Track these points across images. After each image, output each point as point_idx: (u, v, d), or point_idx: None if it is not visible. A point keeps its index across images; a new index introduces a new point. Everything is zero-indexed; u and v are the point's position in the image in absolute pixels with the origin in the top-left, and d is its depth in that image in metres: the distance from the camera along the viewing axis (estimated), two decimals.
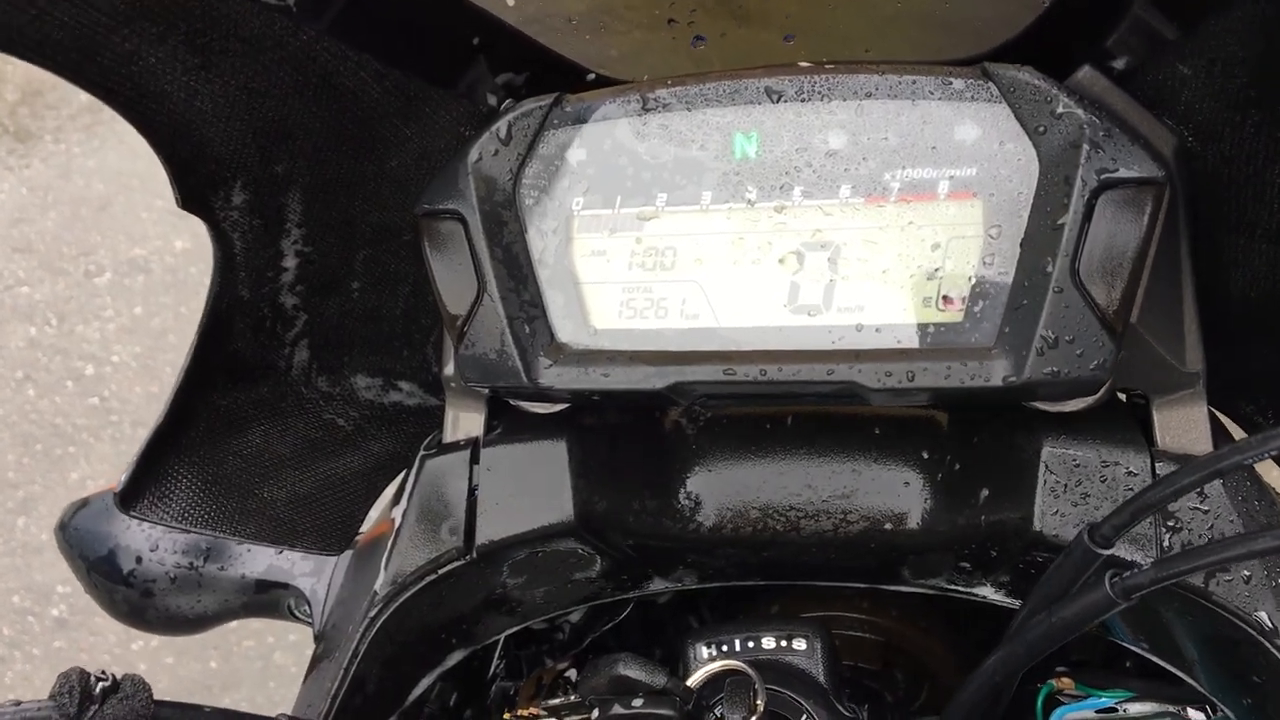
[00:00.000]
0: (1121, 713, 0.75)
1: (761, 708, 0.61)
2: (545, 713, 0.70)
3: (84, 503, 0.82)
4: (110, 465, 2.68)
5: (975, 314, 0.57)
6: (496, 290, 0.60)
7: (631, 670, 0.60)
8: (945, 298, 0.57)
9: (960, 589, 0.73)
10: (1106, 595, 0.50)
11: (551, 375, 0.60)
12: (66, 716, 0.51)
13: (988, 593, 0.72)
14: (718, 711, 0.63)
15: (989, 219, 0.57)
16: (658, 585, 0.78)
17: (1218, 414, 0.67)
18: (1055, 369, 0.55)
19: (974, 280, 0.57)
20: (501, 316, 0.60)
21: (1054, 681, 0.77)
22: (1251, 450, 0.46)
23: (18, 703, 0.53)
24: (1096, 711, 0.76)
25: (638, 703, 0.61)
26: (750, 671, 0.62)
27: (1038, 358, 0.55)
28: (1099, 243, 0.54)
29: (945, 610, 0.88)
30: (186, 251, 3.29)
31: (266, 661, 2.21)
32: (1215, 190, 0.61)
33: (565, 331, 0.62)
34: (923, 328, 0.58)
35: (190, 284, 3.20)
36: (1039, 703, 0.76)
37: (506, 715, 0.74)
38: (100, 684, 0.54)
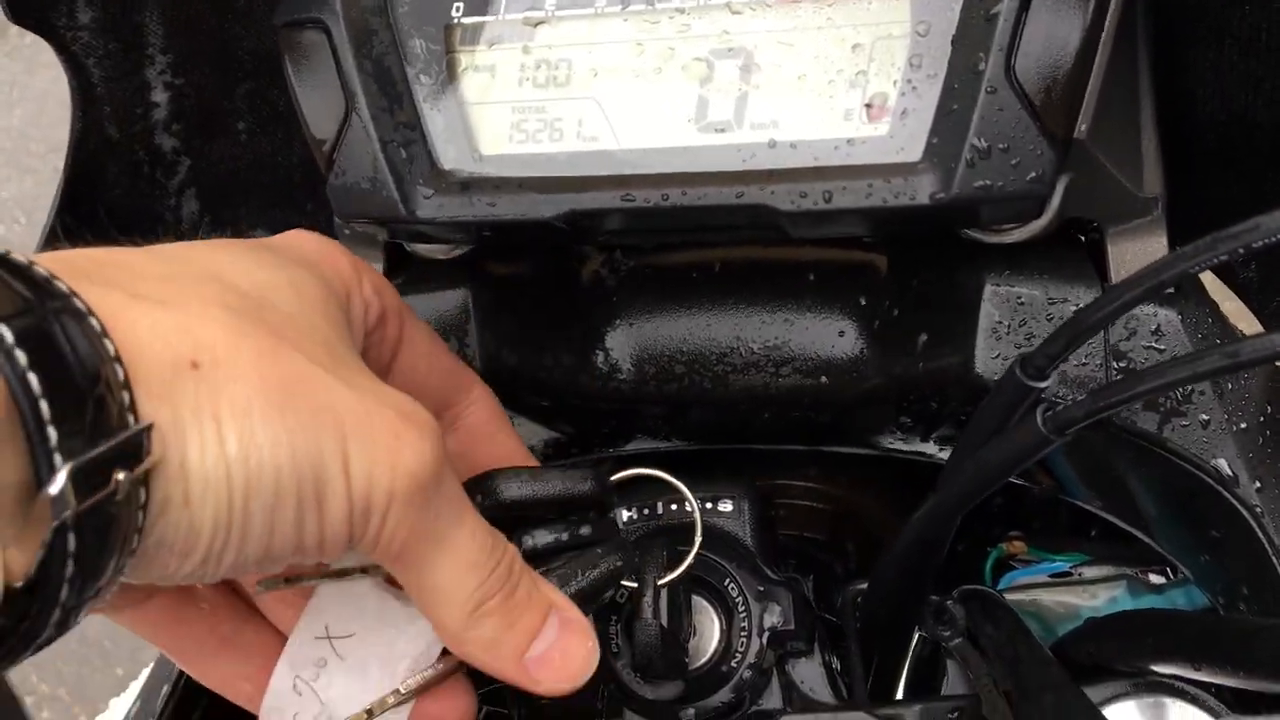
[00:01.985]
0: (1076, 576, 0.70)
1: (687, 564, 0.56)
2: None
3: None
4: None
5: (901, 125, 0.50)
6: (367, 109, 0.53)
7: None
8: (868, 106, 0.51)
9: (903, 448, 0.68)
10: (1038, 431, 0.45)
11: (432, 206, 0.54)
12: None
13: (933, 450, 0.67)
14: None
15: (917, 14, 0.50)
16: (581, 456, 0.73)
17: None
18: (989, 182, 0.48)
19: (900, 85, 0.50)
20: (373, 139, 0.53)
21: (1005, 545, 0.73)
22: (1200, 256, 0.40)
23: None
24: (1050, 575, 0.71)
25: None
26: (659, 543, 0.57)
27: (968, 170, 0.48)
28: (1038, 34, 0.47)
29: (897, 476, 0.83)
30: None
31: None
32: None
33: (448, 158, 0.55)
34: (843, 142, 0.51)
35: None
36: (988, 567, 0.72)
37: None
38: None
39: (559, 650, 0.45)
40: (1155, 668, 0.55)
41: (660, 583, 0.55)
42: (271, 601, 0.49)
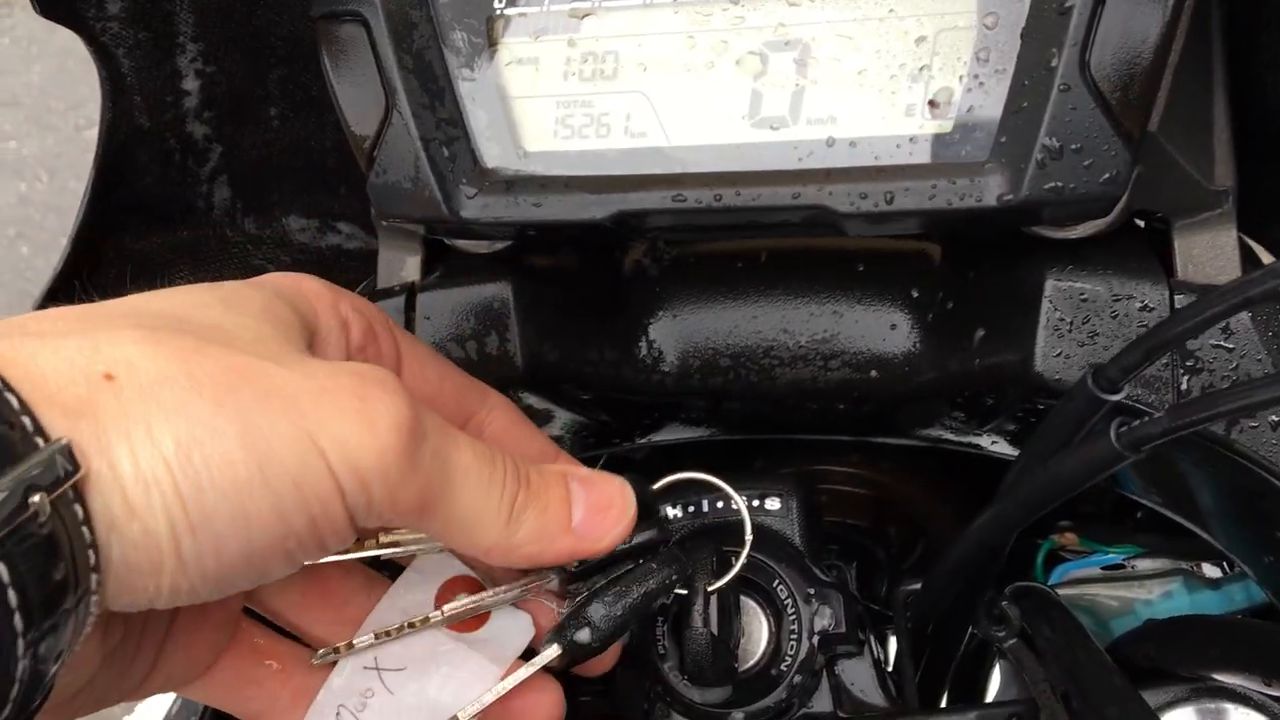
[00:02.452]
0: (1129, 569, 0.69)
1: (736, 570, 0.55)
2: None
3: None
4: None
5: (966, 122, 0.48)
6: (407, 105, 0.51)
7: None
8: (932, 103, 0.48)
9: (954, 440, 0.66)
10: (1111, 447, 0.43)
11: (475, 206, 0.52)
12: None
13: (985, 444, 0.65)
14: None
15: (984, 5, 0.47)
16: (623, 445, 0.72)
17: (1249, 241, 0.58)
18: (1060, 183, 0.46)
19: (965, 81, 0.48)
20: (414, 137, 0.52)
21: (1056, 537, 0.71)
22: None
23: None
24: (1102, 569, 0.70)
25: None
26: (710, 545, 0.56)
27: (1039, 170, 0.46)
28: (1114, 28, 0.44)
29: (943, 463, 0.81)
30: None
31: None
32: None
33: (491, 155, 0.53)
34: (905, 140, 0.49)
35: None
36: (1039, 559, 0.71)
37: None
38: None
39: (597, 502, 0.46)
40: (1218, 676, 0.53)
41: (710, 590, 0.54)
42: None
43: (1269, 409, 0.51)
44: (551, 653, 0.47)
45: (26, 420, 0.32)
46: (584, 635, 0.48)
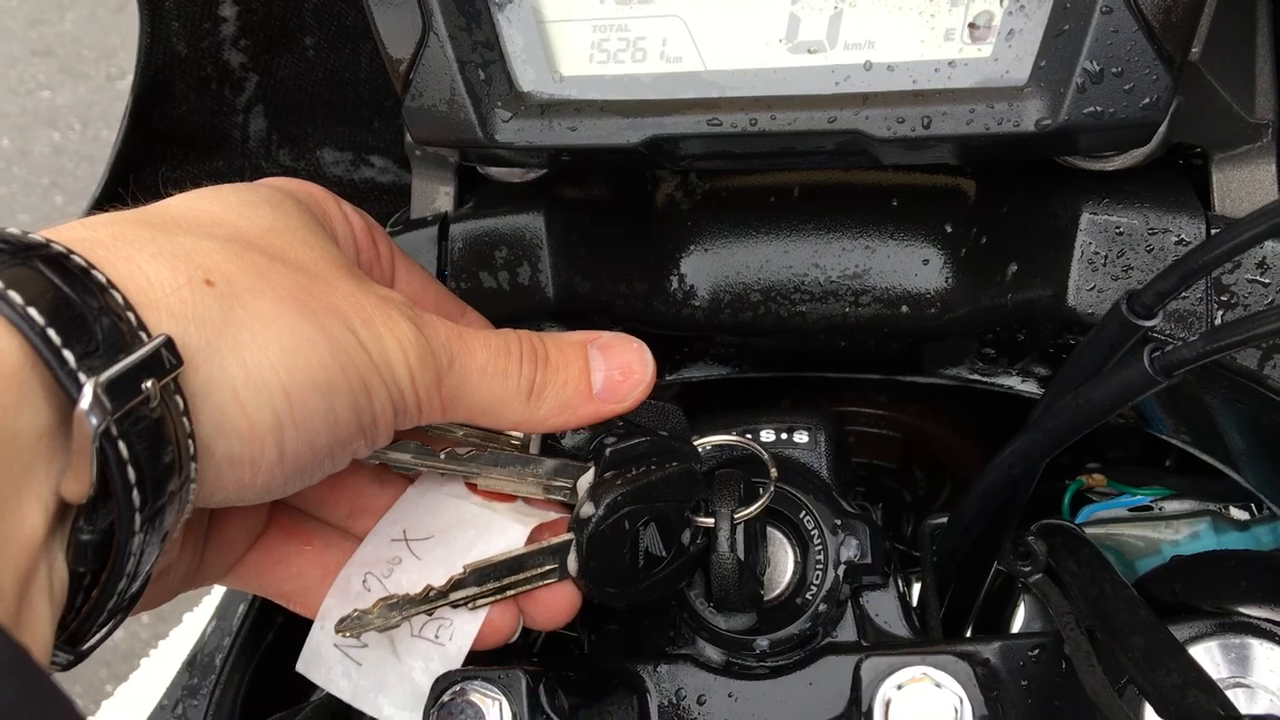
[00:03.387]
0: (1157, 510, 0.69)
1: (764, 502, 0.55)
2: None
3: None
4: None
5: (1006, 46, 0.48)
6: (444, 28, 0.51)
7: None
8: (972, 25, 0.48)
9: (983, 378, 0.66)
10: (1144, 372, 0.43)
11: (510, 130, 0.52)
12: None
13: (1014, 382, 0.65)
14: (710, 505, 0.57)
15: None
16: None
17: None
18: (1099, 108, 0.46)
19: (1006, 4, 0.47)
20: (451, 59, 0.52)
21: (1084, 478, 0.71)
22: None
23: None
24: (1130, 509, 0.70)
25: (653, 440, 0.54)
26: (736, 473, 0.56)
27: (1078, 95, 0.46)
28: None
29: (971, 405, 0.81)
30: None
31: None
32: None
33: (527, 79, 0.53)
34: (944, 64, 0.49)
35: None
36: (1066, 500, 0.71)
37: None
38: None
39: (617, 366, 0.49)
40: (1244, 610, 0.53)
41: (737, 518, 0.55)
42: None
43: None
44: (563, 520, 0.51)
45: (131, 316, 0.36)
46: (588, 509, 0.49)
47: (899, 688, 0.48)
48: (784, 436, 0.63)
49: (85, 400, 0.33)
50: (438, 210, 0.65)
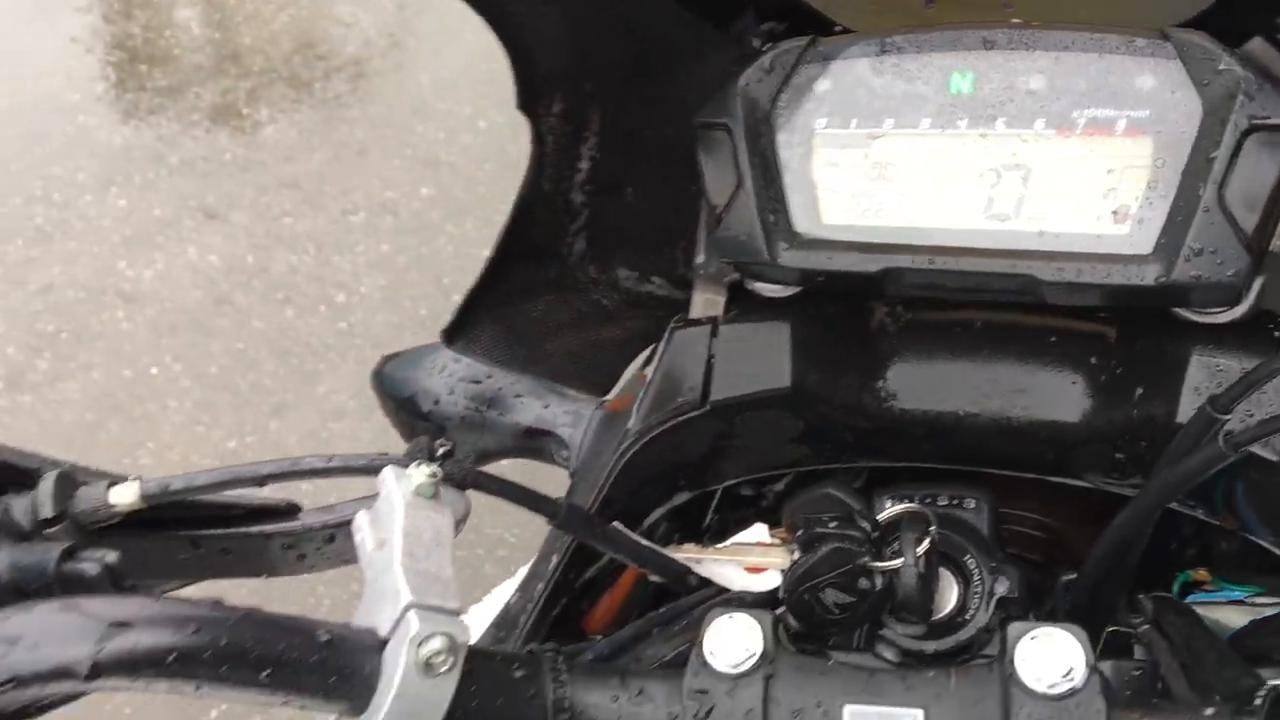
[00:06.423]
0: (1250, 605, 0.86)
1: (931, 540, 0.76)
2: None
3: (393, 355, 1.04)
4: (353, 382, 2.93)
5: (1138, 227, 0.71)
6: (751, 186, 0.77)
7: (835, 490, 0.75)
8: (1115, 213, 0.71)
9: (1116, 482, 0.86)
10: (1217, 449, 0.63)
11: (788, 256, 0.77)
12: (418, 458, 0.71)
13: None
14: (896, 546, 0.78)
15: (1157, 153, 0.70)
16: (854, 460, 0.94)
17: None
18: (1199, 273, 0.68)
19: (1140, 200, 0.71)
20: (753, 206, 0.77)
21: (1191, 573, 0.89)
22: None
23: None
24: (1228, 602, 0.87)
25: (834, 523, 0.76)
26: (926, 513, 0.77)
27: (1184, 263, 0.68)
28: (1244, 174, 0.67)
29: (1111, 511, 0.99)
30: (431, 198, 3.54)
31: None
32: None
33: (801, 223, 0.79)
34: (1094, 237, 0.72)
35: (431, 228, 3.43)
36: (1175, 588, 0.88)
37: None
38: (442, 448, 0.74)
39: None
40: None
41: (919, 551, 0.75)
42: None
43: None
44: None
45: None
46: None
47: (1033, 638, 0.64)
48: (956, 502, 0.84)
49: None
50: (711, 315, 0.90)
